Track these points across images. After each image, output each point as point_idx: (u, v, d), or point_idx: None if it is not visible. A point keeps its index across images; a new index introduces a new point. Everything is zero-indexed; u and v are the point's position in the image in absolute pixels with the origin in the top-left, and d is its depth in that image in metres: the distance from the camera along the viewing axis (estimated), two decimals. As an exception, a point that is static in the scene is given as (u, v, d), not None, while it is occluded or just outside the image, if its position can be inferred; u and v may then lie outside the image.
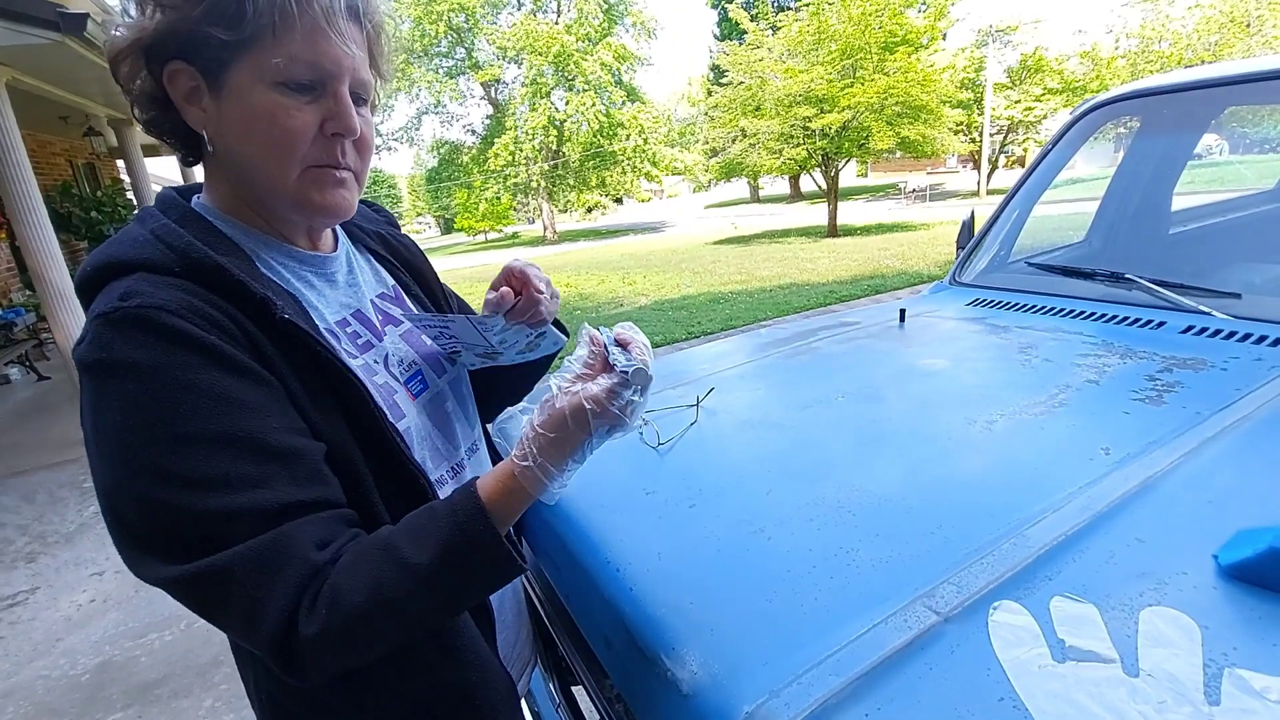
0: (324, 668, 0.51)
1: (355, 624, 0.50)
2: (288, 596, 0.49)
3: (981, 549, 0.63)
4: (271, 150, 0.58)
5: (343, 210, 0.64)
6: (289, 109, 0.57)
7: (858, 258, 9.89)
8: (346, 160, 0.62)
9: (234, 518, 0.49)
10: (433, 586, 0.52)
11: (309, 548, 0.51)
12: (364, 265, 0.77)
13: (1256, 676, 0.45)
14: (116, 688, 2.15)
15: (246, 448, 0.50)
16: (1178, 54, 14.16)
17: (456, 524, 0.53)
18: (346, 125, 0.59)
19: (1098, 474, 0.73)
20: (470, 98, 25.36)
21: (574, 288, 10.05)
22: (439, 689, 0.65)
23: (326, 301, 0.68)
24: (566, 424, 0.55)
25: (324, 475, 0.55)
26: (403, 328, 0.76)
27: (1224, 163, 2.71)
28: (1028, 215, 1.74)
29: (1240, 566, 0.55)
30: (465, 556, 0.53)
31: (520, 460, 0.56)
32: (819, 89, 12.39)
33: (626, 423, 0.57)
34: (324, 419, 0.58)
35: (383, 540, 0.53)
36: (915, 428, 0.92)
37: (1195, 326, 1.15)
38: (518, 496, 0.56)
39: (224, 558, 0.48)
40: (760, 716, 0.49)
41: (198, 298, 0.53)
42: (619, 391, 0.56)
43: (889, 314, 1.49)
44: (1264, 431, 0.79)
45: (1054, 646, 0.50)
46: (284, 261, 0.65)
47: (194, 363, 0.50)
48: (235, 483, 0.49)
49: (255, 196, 0.62)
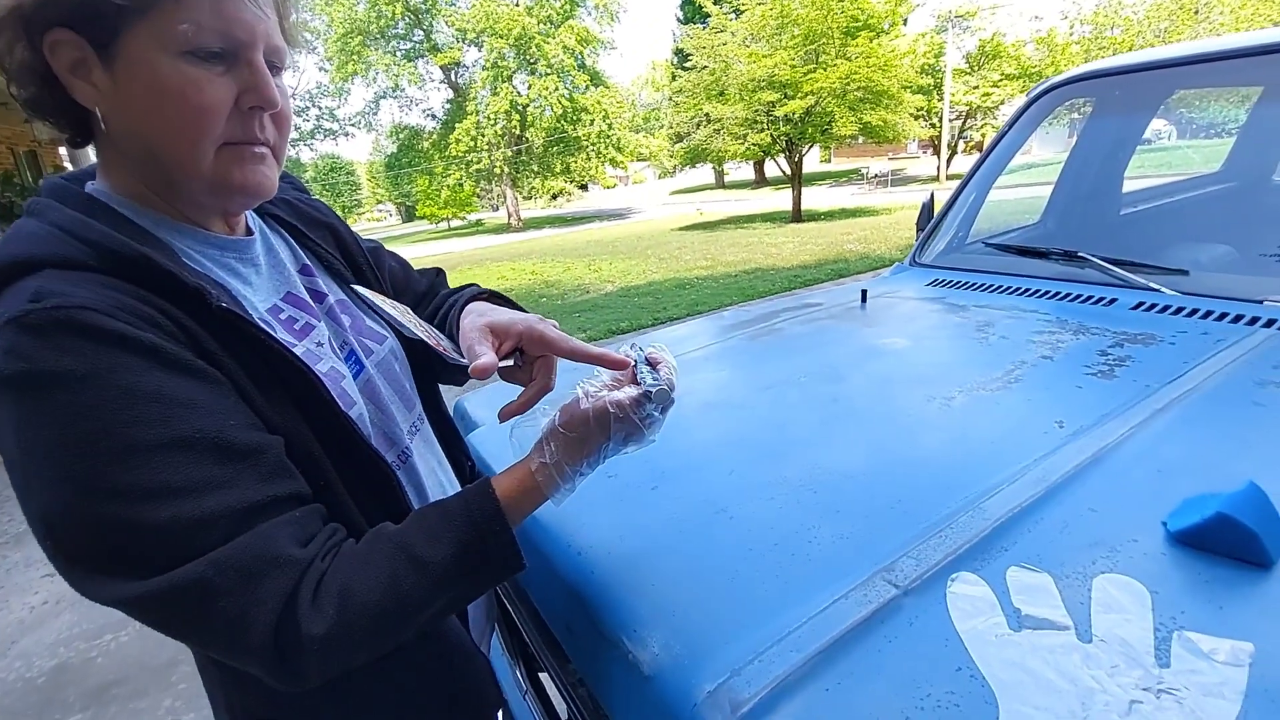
0: (328, 668, 0.48)
1: (368, 621, 0.48)
2: (277, 599, 0.45)
3: (940, 522, 0.63)
4: (183, 129, 0.52)
5: (264, 190, 0.58)
6: (200, 82, 0.50)
7: (822, 242, 10.01)
8: (265, 135, 0.57)
9: (204, 524, 0.45)
10: (446, 584, 0.52)
11: (291, 546, 0.48)
12: (280, 242, 0.70)
13: (1204, 638, 0.46)
14: (73, 690, 2.09)
15: (206, 449, 0.46)
16: (1129, 40, 14.61)
17: (473, 523, 0.53)
18: (266, 97, 0.54)
19: (1052, 446, 0.74)
20: (430, 81, 24.74)
21: (539, 275, 9.95)
22: (423, 675, 0.64)
23: (255, 289, 0.62)
24: (589, 425, 0.56)
25: (290, 469, 0.52)
26: (326, 304, 0.69)
27: (1172, 147, 2.80)
28: (985, 197, 1.77)
29: (1188, 533, 0.56)
30: (481, 556, 0.53)
31: (539, 458, 0.56)
32: (782, 74, 12.43)
33: (644, 434, 0.58)
34: (277, 412, 0.53)
35: (393, 537, 0.52)
36: (876, 406, 0.92)
37: (1145, 303, 1.19)
38: (532, 496, 0.56)
39: (199, 566, 0.44)
40: (721, 695, 0.48)
41: (123, 293, 0.48)
42: (643, 403, 0.57)
43: (851, 295, 1.49)
44: (1210, 403, 0.81)
45: (1010, 616, 0.51)
46: (203, 250, 0.59)
47: (133, 365, 0.45)
48: (200, 487, 0.45)
49: (163, 180, 0.56)
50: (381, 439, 0.67)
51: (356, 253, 0.78)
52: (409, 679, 0.63)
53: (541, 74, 21.83)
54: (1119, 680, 0.44)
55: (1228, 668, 0.44)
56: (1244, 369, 0.88)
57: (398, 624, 0.50)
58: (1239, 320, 1.06)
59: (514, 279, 9.88)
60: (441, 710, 0.66)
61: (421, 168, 25.02)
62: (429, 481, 0.72)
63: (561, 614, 0.69)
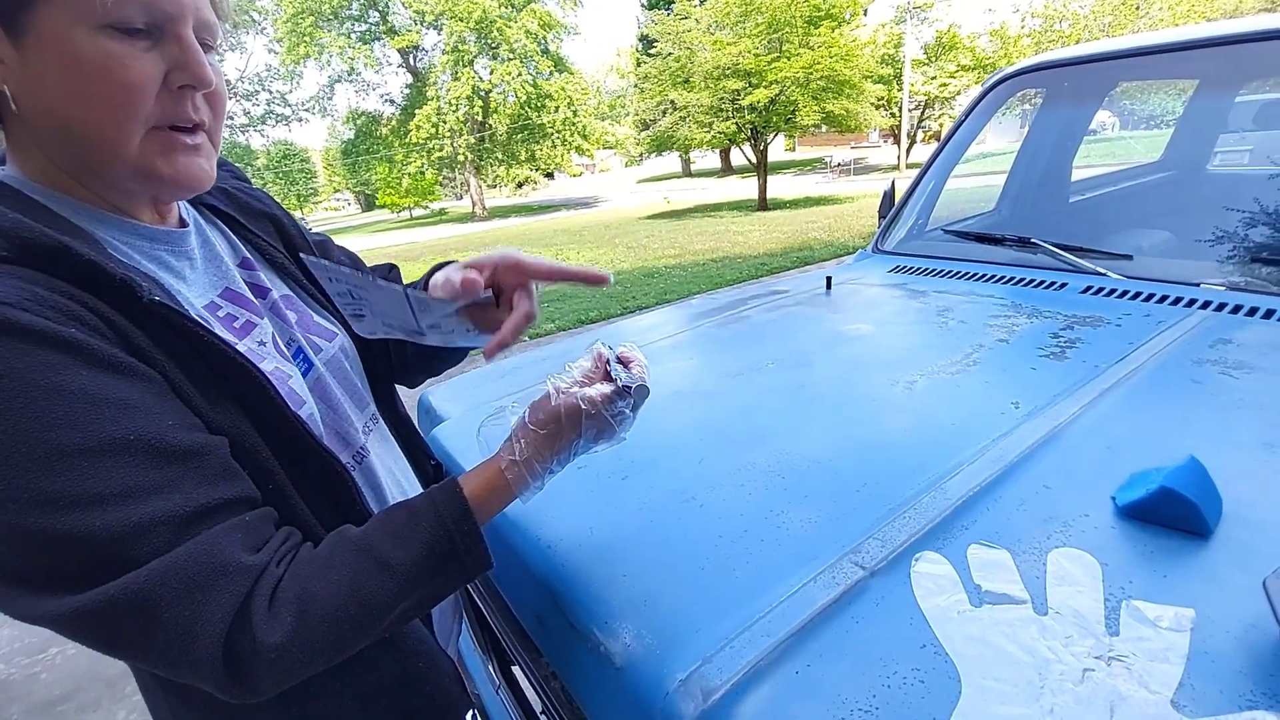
0: (285, 678, 0.45)
1: (329, 628, 0.45)
2: (227, 609, 0.42)
3: (904, 504, 0.65)
4: (105, 110, 0.47)
5: (198, 181, 0.54)
6: (123, 58, 0.46)
7: (787, 230, 10.11)
8: (200, 116, 0.52)
9: (141, 532, 0.41)
10: (412, 587, 0.50)
11: (241, 552, 0.44)
12: (216, 234, 0.65)
13: (1150, 606, 0.49)
14: (16, 708, 1.99)
15: (141, 452, 0.43)
16: (1076, 34, 15.09)
17: (440, 523, 0.51)
18: (197, 75, 0.50)
19: (1008, 427, 0.77)
20: (387, 65, 24.00)
21: (506, 265, 9.80)
22: (385, 682, 0.62)
23: (189, 284, 0.57)
24: (560, 421, 0.55)
25: (236, 471, 0.49)
26: (270, 299, 0.65)
27: (1116, 138, 2.90)
28: (943, 185, 1.81)
29: (1135, 506, 0.59)
30: (448, 557, 0.51)
31: (508, 456, 0.55)
32: (746, 62, 12.47)
33: (616, 431, 0.57)
34: (219, 413, 0.50)
35: (355, 540, 0.50)
36: (842, 391, 0.94)
37: (1093, 287, 1.23)
38: (501, 495, 0.55)
39: (139, 578, 0.41)
40: (694, 683, 0.49)
41: (40, 286, 0.43)
42: (615, 400, 0.56)
43: (816, 282, 1.51)
44: (1153, 381, 0.85)
45: (971, 592, 0.52)
46: (130, 241, 0.54)
47: (56, 362, 0.42)
48: (136, 492, 0.42)
49: (83, 164, 0.51)
50: (335, 439, 0.64)
51: (301, 245, 0.74)
52: (368, 684, 0.61)
53: (504, 59, 21.40)
54: (1073, 650, 0.46)
55: (1172, 633, 0.46)
56: (1183, 349, 0.93)
57: (360, 629, 0.48)
58: (1178, 303, 1.11)
59: (479, 269, 9.71)
60: (403, 717, 0.63)
61: (381, 155, 24.33)
62: (387, 482, 0.70)
63: (532, 607, 0.69)
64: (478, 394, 1.08)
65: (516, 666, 1.00)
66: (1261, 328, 0.98)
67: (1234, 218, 1.28)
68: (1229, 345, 0.93)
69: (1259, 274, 1.16)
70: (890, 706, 0.44)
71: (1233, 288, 1.12)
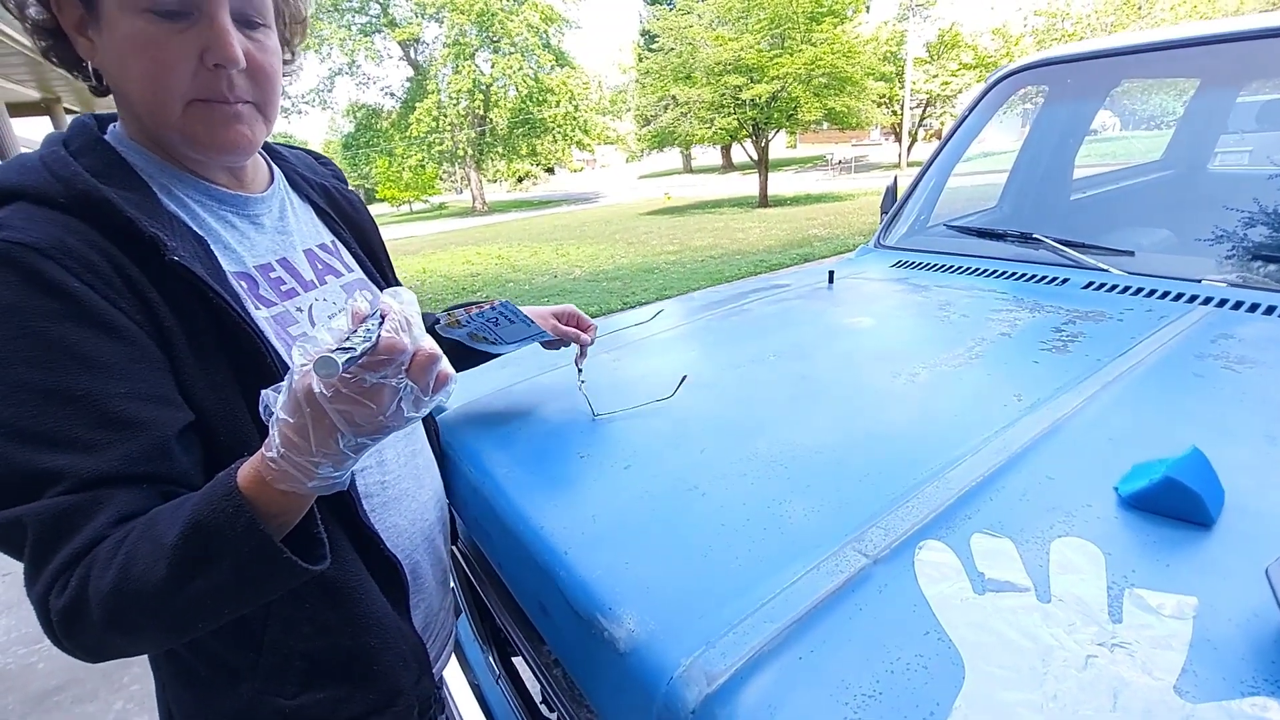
0: (86, 646, 0.48)
1: (104, 601, 0.45)
2: (54, 567, 0.46)
3: (906, 493, 0.65)
4: (146, 85, 0.54)
5: (241, 147, 0.59)
6: (157, 39, 0.52)
7: (788, 227, 10.10)
8: (237, 93, 0.57)
9: (48, 477, 0.46)
10: (189, 568, 0.45)
11: (107, 523, 0.47)
12: (301, 214, 0.72)
13: (1153, 595, 0.49)
14: (13, 697, 1.99)
15: (83, 409, 0.47)
16: (1079, 33, 15.07)
17: (207, 499, 0.46)
18: (226, 55, 0.54)
19: (1011, 419, 0.77)
20: (388, 58, 23.89)
21: (506, 260, 9.79)
22: (338, 653, 0.63)
23: (249, 244, 0.63)
24: (302, 409, 0.43)
25: (168, 452, 0.50)
26: (344, 279, 0.71)
27: (1118, 138, 2.90)
28: (945, 182, 1.81)
29: (1138, 496, 0.59)
30: (212, 538, 0.45)
31: (266, 450, 0.45)
32: (748, 58, 12.43)
33: (382, 415, 0.43)
34: (208, 378, 0.53)
35: (148, 516, 0.48)
36: (844, 383, 0.94)
37: (1095, 282, 1.23)
38: (270, 490, 0.45)
39: (23, 512, 0.46)
40: (697, 668, 0.49)
41: (77, 235, 0.50)
42: (364, 375, 0.42)
43: (818, 276, 1.51)
44: (1155, 374, 0.85)
45: (974, 580, 0.52)
46: (200, 199, 0.61)
47: (50, 310, 0.47)
48: (60, 443, 0.46)
49: (149, 131, 0.58)
50: None
51: (383, 258, 0.82)
52: (319, 648, 0.62)
53: (505, 52, 21.32)
54: (1076, 637, 0.46)
55: (1175, 621, 0.46)
56: (1184, 343, 0.93)
57: (143, 608, 0.45)
58: (1180, 298, 1.11)
59: (480, 264, 9.71)
60: (350, 686, 0.64)
61: (381, 148, 24.22)
62: (396, 464, 0.72)
63: (535, 595, 0.69)
64: (481, 384, 1.08)
65: (517, 657, 1.00)
66: (1263, 323, 0.98)
67: (1234, 216, 1.28)
68: (1230, 340, 0.93)
69: (1260, 271, 1.16)
70: (894, 692, 0.44)
71: (1234, 284, 1.12)
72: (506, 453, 0.86)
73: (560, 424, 0.91)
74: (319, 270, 0.69)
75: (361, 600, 0.63)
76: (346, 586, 0.62)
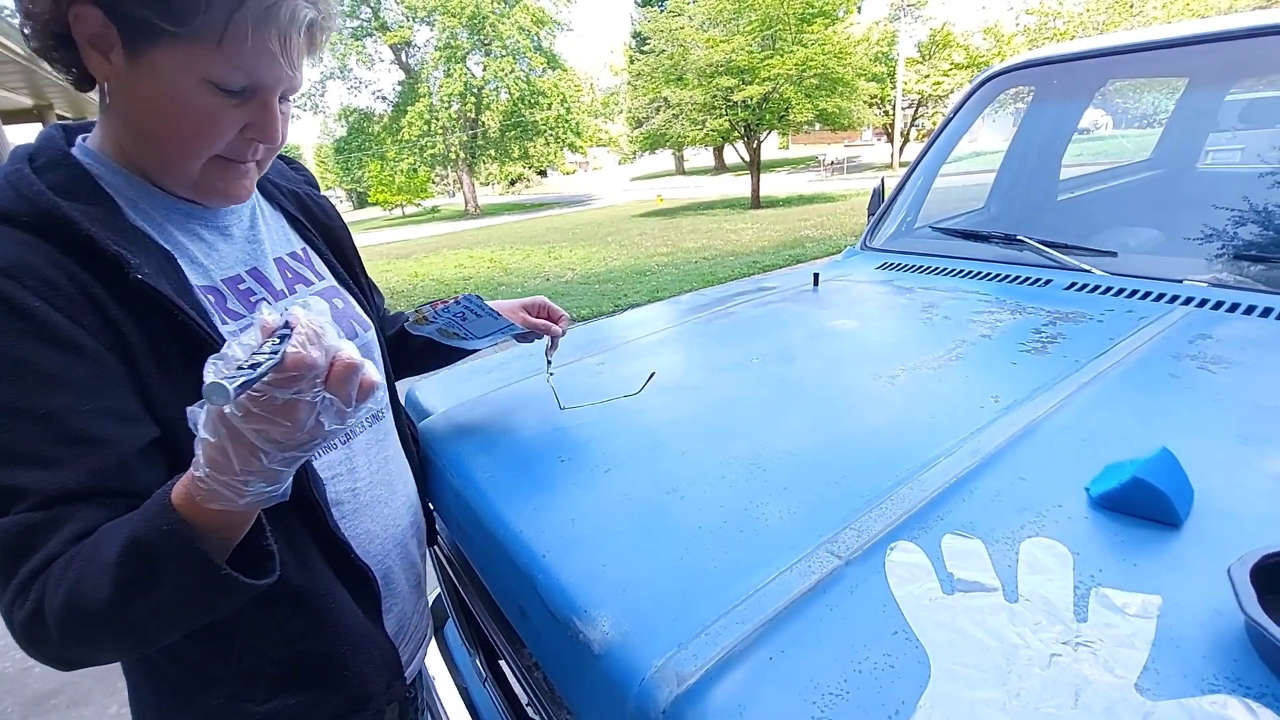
0: (51, 656, 0.48)
1: (59, 619, 0.46)
2: (18, 580, 0.46)
3: (881, 495, 0.65)
4: (184, 142, 0.56)
5: (244, 198, 0.63)
6: (213, 111, 0.54)
7: (780, 228, 10.13)
8: (257, 157, 0.60)
9: (13, 494, 0.47)
10: (126, 588, 0.45)
11: (66, 539, 0.47)
12: (271, 222, 0.72)
13: (1118, 594, 0.49)
14: (10, 700, 2.00)
15: (45, 426, 0.48)
16: (1071, 32, 15.17)
17: (144, 517, 0.46)
18: (269, 136, 0.58)
19: (986, 420, 0.77)
20: (379, 61, 23.83)
21: (498, 263, 9.79)
22: (308, 659, 0.63)
23: (217, 256, 0.63)
24: (219, 428, 0.42)
25: (130, 469, 0.50)
26: (315, 287, 0.71)
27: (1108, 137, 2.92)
28: (932, 183, 1.82)
29: (1108, 496, 0.59)
30: (148, 556, 0.44)
31: (194, 469, 0.44)
32: (740, 59, 12.46)
33: (300, 431, 0.42)
34: (174, 393, 0.53)
35: (99, 532, 0.48)
36: (825, 385, 0.94)
37: (1078, 283, 1.24)
38: (202, 509, 0.44)
39: None
40: (668, 668, 0.49)
41: (40, 254, 0.50)
42: (271, 392, 0.40)
43: (803, 279, 1.52)
44: (1131, 375, 0.86)
45: (944, 580, 0.53)
46: (167, 213, 0.61)
47: (13, 329, 0.48)
48: (22, 459, 0.47)
49: (151, 162, 0.59)
50: None
51: (355, 263, 0.82)
52: (289, 654, 0.63)
53: (497, 55, 21.30)
54: (1041, 636, 0.46)
55: (1138, 619, 0.47)
56: (1162, 344, 0.94)
57: (94, 622, 0.46)
58: (1161, 299, 1.12)
59: (472, 267, 9.70)
60: (321, 691, 0.65)
61: (373, 152, 24.17)
62: (367, 471, 0.72)
63: (514, 598, 0.69)
64: (463, 389, 1.08)
65: (502, 660, 1.00)
66: (1240, 323, 1.00)
67: (1217, 215, 1.29)
68: (1208, 340, 0.94)
69: (1240, 270, 1.17)
70: (861, 691, 0.45)
71: (1214, 284, 1.13)
72: (488, 457, 0.86)
73: (542, 429, 0.91)
74: (289, 279, 0.69)
75: (332, 608, 0.64)
76: (316, 594, 0.63)
